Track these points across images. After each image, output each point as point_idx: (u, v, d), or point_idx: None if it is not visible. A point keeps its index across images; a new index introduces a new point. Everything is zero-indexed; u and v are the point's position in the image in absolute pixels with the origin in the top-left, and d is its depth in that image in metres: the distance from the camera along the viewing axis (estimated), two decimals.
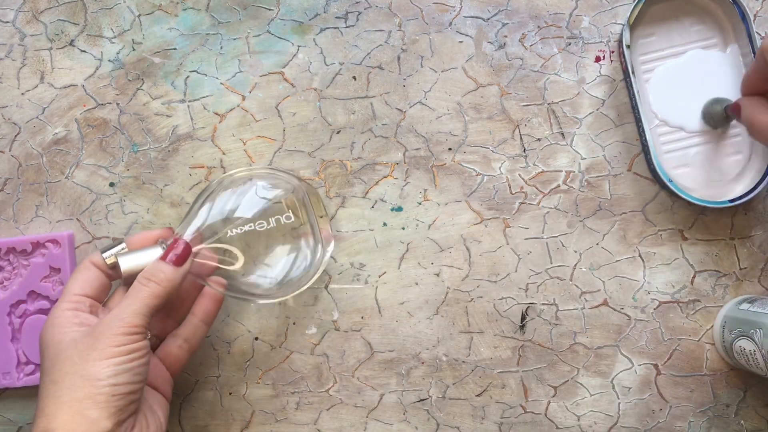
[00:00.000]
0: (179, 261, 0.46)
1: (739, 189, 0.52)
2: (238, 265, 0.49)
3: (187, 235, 0.48)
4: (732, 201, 0.51)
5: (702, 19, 0.53)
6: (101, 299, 0.47)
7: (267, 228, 0.49)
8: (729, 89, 0.52)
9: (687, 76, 0.53)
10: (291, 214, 0.50)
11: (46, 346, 0.44)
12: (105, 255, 0.47)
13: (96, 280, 0.47)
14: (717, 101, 0.51)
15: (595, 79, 0.54)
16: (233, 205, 0.49)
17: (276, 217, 0.49)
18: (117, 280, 0.48)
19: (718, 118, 0.51)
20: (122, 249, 0.48)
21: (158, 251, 0.47)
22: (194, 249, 0.48)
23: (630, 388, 0.53)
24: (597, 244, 0.53)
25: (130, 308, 0.44)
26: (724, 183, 0.53)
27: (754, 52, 0.51)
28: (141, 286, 0.45)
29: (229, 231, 0.48)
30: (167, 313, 0.51)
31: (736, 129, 0.53)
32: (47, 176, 0.54)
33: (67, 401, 0.41)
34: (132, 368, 0.43)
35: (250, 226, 0.49)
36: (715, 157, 0.53)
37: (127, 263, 0.46)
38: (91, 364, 0.42)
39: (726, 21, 0.53)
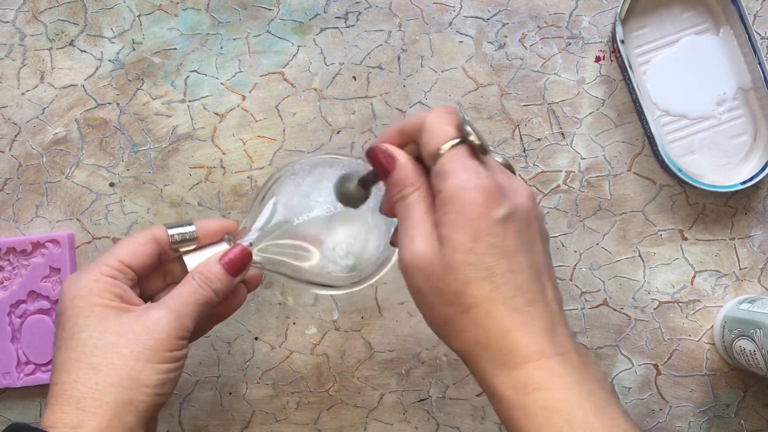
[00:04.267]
0: (237, 272, 0.43)
1: (748, 170, 0.52)
2: (311, 261, 0.46)
3: (251, 233, 0.45)
4: (743, 183, 0.51)
5: (692, 5, 0.53)
6: (142, 276, 0.43)
7: (335, 213, 0.45)
8: (725, 72, 0.53)
9: (683, 63, 0.53)
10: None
11: (80, 309, 0.40)
12: (171, 232, 0.44)
13: (148, 257, 0.43)
14: (345, 178, 0.43)
15: (595, 79, 0.54)
16: (301, 194, 0.46)
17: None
18: (168, 260, 0.45)
19: (356, 195, 0.43)
20: (192, 232, 0.44)
21: (225, 249, 0.44)
22: (256, 251, 0.44)
23: (630, 388, 0.53)
24: (597, 244, 0.53)
25: (188, 309, 0.41)
26: (732, 165, 0.53)
27: (747, 33, 0.51)
28: (198, 288, 0.42)
29: (296, 219, 0.45)
30: None
31: (739, 110, 0.53)
32: (47, 176, 0.54)
33: (111, 403, 0.38)
34: (175, 378, 0.40)
35: (317, 213, 0.45)
36: (721, 141, 0.53)
37: (194, 262, 0.43)
38: (142, 365, 0.39)
39: (716, 4, 0.53)
